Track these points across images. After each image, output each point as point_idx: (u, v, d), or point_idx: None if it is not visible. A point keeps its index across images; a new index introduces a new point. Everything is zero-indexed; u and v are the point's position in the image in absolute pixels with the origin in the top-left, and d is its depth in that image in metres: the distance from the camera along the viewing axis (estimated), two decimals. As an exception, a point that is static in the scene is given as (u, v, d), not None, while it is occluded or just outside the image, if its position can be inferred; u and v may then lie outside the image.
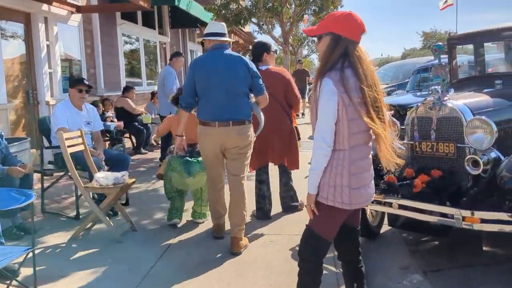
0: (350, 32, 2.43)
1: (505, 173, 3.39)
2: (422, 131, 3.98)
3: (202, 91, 4.10)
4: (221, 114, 4.03)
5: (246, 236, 4.37)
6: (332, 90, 2.37)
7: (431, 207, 3.51)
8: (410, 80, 9.23)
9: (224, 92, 4.02)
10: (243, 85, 4.09)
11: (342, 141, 2.44)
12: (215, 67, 4.05)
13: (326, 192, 2.48)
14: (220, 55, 4.10)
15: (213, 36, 4.16)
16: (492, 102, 4.02)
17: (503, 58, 5.77)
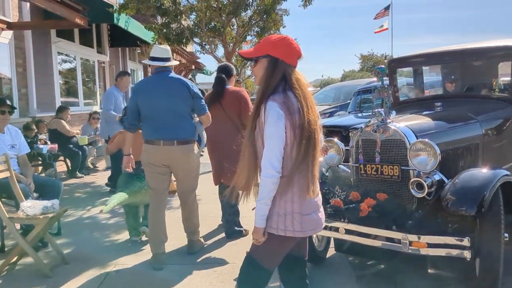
0: (287, 56, 2.40)
1: (449, 196, 3.38)
2: (366, 153, 3.94)
3: (146, 113, 4.27)
4: (165, 134, 4.21)
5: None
6: (279, 113, 2.29)
7: (378, 232, 3.45)
8: (351, 102, 9.38)
9: (168, 113, 4.21)
10: (185, 106, 4.29)
11: (290, 165, 2.33)
12: (158, 90, 4.23)
13: (276, 222, 2.36)
14: (163, 78, 4.29)
15: (157, 61, 4.33)
16: (434, 124, 4.05)
17: (440, 81, 5.94)
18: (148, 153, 4.30)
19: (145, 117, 4.29)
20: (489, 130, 4.26)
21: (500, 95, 4.73)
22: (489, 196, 3.24)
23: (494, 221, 3.29)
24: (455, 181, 3.46)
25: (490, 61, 5.12)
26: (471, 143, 4.13)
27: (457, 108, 4.55)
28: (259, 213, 2.35)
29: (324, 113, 10.42)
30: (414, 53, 5.30)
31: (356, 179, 4.02)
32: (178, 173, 4.40)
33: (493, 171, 3.50)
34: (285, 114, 2.29)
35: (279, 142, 2.30)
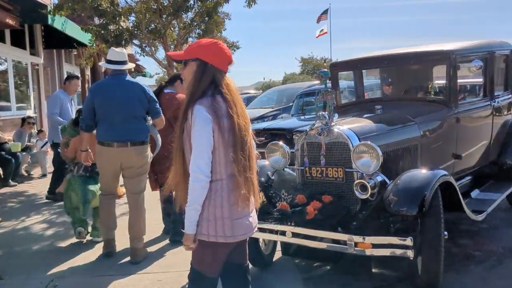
0: (217, 60, 2.39)
1: (391, 196, 3.46)
2: (312, 156, 3.97)
3: (101, 114, 4.38)
4: (120, 135, 4.33)
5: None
6: (206, 117, 2.28)
7: (324, 234, 3.48)
8: (294, 104, 9.48)
9: (122, 115, 4.33)
10: (140, 109, 4.43)
11: (219, 170, 2.32)
12: (114, 92, 4.35)
13: (206, 228, 2.32)
14: (119, 81, 4.41)
15: (113, 64, 4.44)
16: (375, 127, 4.14)
17: (379, 84, 6.12)
18: (102, 155, 4.42)
19: (100, 118, 4.40)
20: (427, 131, 4.41)
21: (436, 97, 4.92)
22: (429, 196, 3.35)
23: (434, 220, 3.40)
24: (396, 182, 3.56)
25: (426, 65, 5.33)
26: (410, 144, 4.26)
27: (396, 110, 4.69)
28: (189, 219, 2.31)
29: (267, 116, 10.48)
30: (355, 57, 5.43)
31: (302, 182, 4.04)
32: (129, 174, 4.49)
33: (432, 171, 3.63)
34: (212, 118, 2.28)
35: (206, 146, 2.28)
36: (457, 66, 4.57)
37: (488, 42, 5.30)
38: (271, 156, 4.26)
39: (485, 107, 5.06)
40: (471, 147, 4.98)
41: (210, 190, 2.31)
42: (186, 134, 2.35)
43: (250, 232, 2.46)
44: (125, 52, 4.61)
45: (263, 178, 4.21)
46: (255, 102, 12.66)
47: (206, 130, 2.27)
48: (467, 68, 4.98)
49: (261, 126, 8.10)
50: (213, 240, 2.32)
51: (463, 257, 4.29)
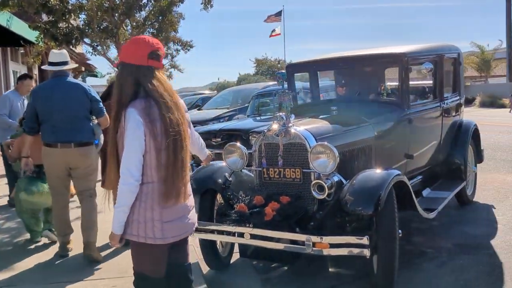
0: (134, 57, 2.36)
1: (348, 196, 3.51)
2: (269, 157, 3.97)
3: (44, 116, 4.39)
4: (63, 136, 4.35)
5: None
6: (138, 120, 2.28)
7: (283, 235, 3.48)
8: (250, 105, 9.48)
9: (65, 116, 4.36)
10: (83, 109, 4.45)
11: (150, 173, 2.33)
12: (56, 94, 4.38)
13: (136, 229, 2.35)
14: (61, 82, 4.44)
15: (54, 66, 4.46)
16: (331, 128, 4.19)
17: (334, 85, 6.21)
18: (47, 156, 4.45)
19: (43, 120, 4.41)
20: (381, 132, 4.51)
21: (388, 99, 5.04)
22: (384, 195, 3.41)
23: (389, 218, 3.47)
24: (352, 182, 3.61)
25: (379, 67, 5.45)
26: (365, 145, 4.34)
27: (351, 111, 4.76)
28: (116, 220, 2.34)
29: (222, 117, 10.43)
30: (311, 59, 5.48)
31: (260, 183, 4.04)
32: (76, 175, 4.53)
33: (387, 171, 3.71)
34: (144, 121, 2.27)
35: (137, 150, 2.28)
36: (409, 69, 4.70)
37: (437, 45, 5.49)
38: (228, 157, 4.23)
39: (435, 108, 5.23)
40: (422, 147, 5.13)
41: (141, 192, 2.32)
42: (120, 136, 2.35)
43: (184, 233, 2.48)
44: (65, 52, 4.64)
45: (220, 180, 4.18)
46: (210, 102, 12.57)
47: (137, 133, 2.27)
48: (417, 71, 5.15)
49: (217, 127, 8.04)
50: (142, 241, 2.35)
51: (416, 254, 4.42)
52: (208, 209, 4.22)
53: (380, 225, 3.45)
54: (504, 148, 10.37)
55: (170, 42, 19.69)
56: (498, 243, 4.60)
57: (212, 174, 4.26)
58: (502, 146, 10.74)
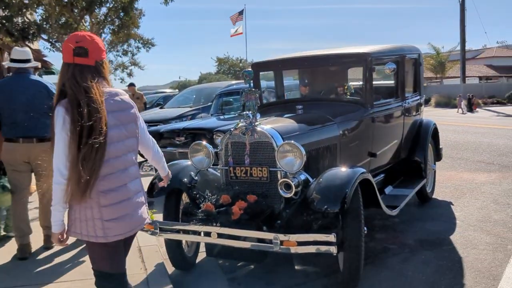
0: (64, 55, 2.36)
1: (314, 195, 3.53)
2: (236, 156, 3.95)
3: (6, 112, 4.44)
4: (25, 132, 4.40)
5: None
6: (64, 118, 2.27)
7: (250, 234, 3.47)
8: (213, 104, 9.42)
9: (27, 112, 4.41)
10: (44, 105, 4.38)
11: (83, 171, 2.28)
12: (17, 90, 4.44)
13: (79, 227, 2.37)
14: (22, 79, 4.52)
15: (16, 63, 4.54)
16: (297, 126, 4.21)
17: (297, 84, 6.25)
18: (8, 151, 4.47)
19: (4, 116, 4.45)
20: (345, 131, 4.57)
21: (353, 98, 5.12)
22: (350, 193, 3.45)
23: (355, 216, 3.52)
24: (319, 181, 3.64)
25: (343, 66, 5.52)
26: (331, 143, 4.39)
27: (316, 110, 4.81)
28: (53, 219, 2.35)
29: (185, 115, 10.32)
30: (276, 58, 5.50)
31: (226, 182, 4.02)
32: (38, 170, 4.46)
33: (352, 169, 3.76)
34: (70, 119, 2.26)
35: (64, 148, 2.27)
36: (373, 68, 4.78)
37: (399, 46, 5.61)
38: (194, 156, 4.18)
39: (397, 108, 5.35)
40: (384, 145, 5.24)
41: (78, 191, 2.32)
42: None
43: (129, 232, 2.46)
44: (28, 51, 4.74)
45: (186, 179, 4.14)
46: (172, 101, 12.42)
47: (63, 132, 2.27)
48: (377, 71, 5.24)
49: (180, 126, 7.94)
50: (85, 239, 2.39)
51: (380, 250, 4.51)
52: (173, 209, 4.17)
53: (346, 222, 3.49)
54: (459, 147, 10.76)
55: (130, 40, 19.31)
56: (457, 238, 4.75)
57: (178, 173, 4.20)
58: (457, 144, 11.15)
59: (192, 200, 4.02)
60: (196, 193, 4.02)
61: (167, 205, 4.21)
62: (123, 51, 21.91)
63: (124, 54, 22.25)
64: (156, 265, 4.23)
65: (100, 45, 2.46)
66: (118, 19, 9.10)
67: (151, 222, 3.81)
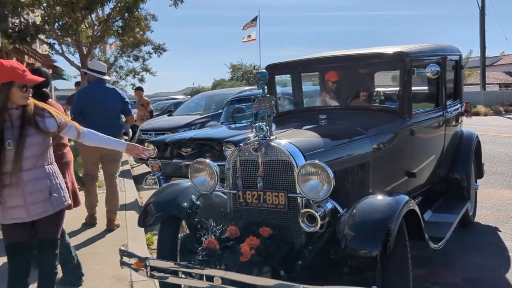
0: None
1: (347, 231, 2.75)
2: (246, 177, 3.19)
3: (88, 114, 5.63)
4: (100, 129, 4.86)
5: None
6: None
7: (263, 281, 2.69)
8: (224, 112, 8.68)
9: (103, 113, 5.63)
10: (116, 109, 5.84)
11: None
12: (98, 97, 5.70)
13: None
14: (101, 87, 5.82)
15: (97, 73, 5.84)
16: (322, 141, 3.44)
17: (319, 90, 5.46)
18: (87, 147, 5.03)
19: (86, 117, 5.49)
20: (379, 146, 3.79)
21: (387, 106, 4.33)
22: (394, 230, 2.67)
23: (400, 259, 2.75)
24: (352, 212, 2.85)
25: (373, 69, 4.74)
26: (362, 161, 3.61)
27: (343, 121, 4.04)
28: None
29: (194, 124, 9.60)
30: (294, 59, 4.72)
31: (234, 209, 3.26)
32: (106, 161, 5.78)
33: (394, 197, 2.98)
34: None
35: None
36: (412, 71, 3.98)
37: (440, 46, 4.80)
38: (195, 177, 3.43)
39: (438, 118, 4.54)
40: (423, 162, 4.43)
41: None
42: None
43: (26, 218, 2.94)
44: (105, 65, 6.13)
45: (186, 204, 3.39)
46: (181, 108, 11.69)
47: None
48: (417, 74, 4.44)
49: (187, 136, 7.17)
50: None
51: (421, 293, 3.69)
52: (170, 242, 3.43)
53: (389, 268, 2.70)
54: (491, 159, 9.81)
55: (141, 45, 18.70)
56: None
57: (176, 196, 3.48)
58: (489, 156, 10.19)
59: (193, 231, 3.26)
60: (197, 222, 3.26)
61: (162, 237, 3.46)
62: (134, 57, 21.33)
63: (135, 59, 21.66)
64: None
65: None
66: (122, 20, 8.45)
67: (142, 259, 3.08)
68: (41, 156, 2.98)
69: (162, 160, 6.77)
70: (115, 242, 5.03)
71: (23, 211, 2.92)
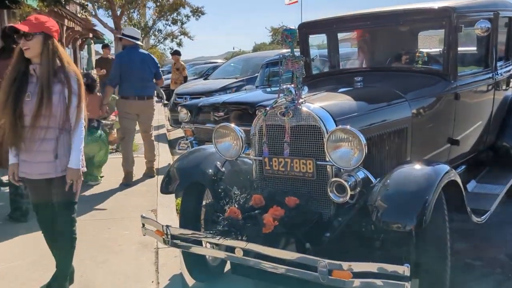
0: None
1: (379, 202, 2.52)
2: (272, 144, 2.99)
3: (125, 75, 6.07)
4: (138, 91, 6.08)
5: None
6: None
7: (286, 254, 2.52)
8: (259, 75, 8.42)
9: (140, 76, 6.09)
10: (151, 72, 6.25)
11: None
12: (134, 60, 6.12)
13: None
14: (136, 52, 6.24)
15: (132, 39, 6.26)
16: (356, 105, 3.18)
17: (356, 53, 5.12)
18: (124, 105, 6.17)
19: (123, 78, 6.07)
20: (419, 110, 3.49)
21: (430, 68, 3.98)
22: (431, 203, 2.43)
23: (438, 234, 2.53)
24: (385, 182, 2.62)
25: (416, 27, 4.36)
26: (400, 127, 3.33)
27: (380, 84, 3.74)
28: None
29: (229, 87, 9.39)
30: (329, 17, 4.39)
31: (260, 177, 3.08)
32: (142, 120, 6.31)
33: (433, 167, 2.72)
34: None
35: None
36: (459, 28, 3.61)
37: (492, 1, 4.34)
38: (219, 142, 3.26)
39: (486, 80, 4.16)
40: (468, 129, 4.09)
41: None
42: None
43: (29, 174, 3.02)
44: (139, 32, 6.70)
45: (211, 170, 3.23)
46: (218, 72, 11.48)
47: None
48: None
49: (220, 100, 6.97)
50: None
51: (459, 268, 3.43)
52: (193, 210, 3.30)
53: (424, 244, 2.48)
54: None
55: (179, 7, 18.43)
56: None
57: (200, 162, 3.33)
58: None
59: (217, 199, 3.11)
60: (222, 190, 3.11)
61: (185, 204, 3.34)
62: (173, 20, 21.09)
63: (173, 23, 21.42)
64: (172, 278, 3.39)
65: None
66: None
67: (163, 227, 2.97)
68: (54, 117, 2.91)
69: (195, 125, 6.64)
70: (145, 207, 4.99)
71: (29, 167, 2.98)
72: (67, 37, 19.31)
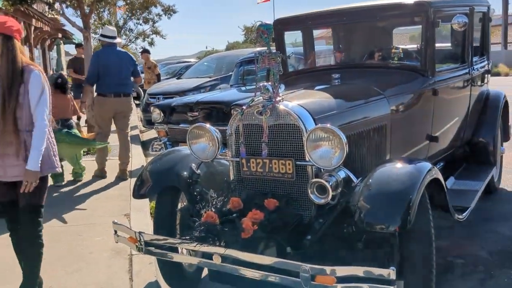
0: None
1: (362, 203, 2.44)
2: (250, 144, 2.87)
3: (102, 74, 6.08)
4: (116, 89, 6.09)
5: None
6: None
7: (266, 260, 2.40)
8: (234, 73, 8.29)
9: (117, 75, 6.10)
10: (128, 70, 6.25)
11: None
12: (111, 58, 6.15)
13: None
14: (113, 50, 6.28)
15: (109, 39, 6.28)
16: (335, 103, 3.09)
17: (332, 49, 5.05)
18: (100, 104, 6.20)
19: (101, 77, 6.08)
20: (398, 107, 3.43)
21: (408, 64, 3.93)
22: (415, 202, 2.35)
23: (422, 234, 2.43)
24: (367, 182, 2.53)
25: (393, 22, 4.31)
26: (379, 124, 3.26)
27: (358, 80, 3.67)
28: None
29: (203, 87, 9.24)
30: (305, 12, 4.30)
31: (237, 178, 2.96)
32: (119, 117, 6.26)
33: (415, 165, 2.65)
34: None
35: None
36: (436, 23, 3.56)
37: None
38: (194, 143, 3.12)
39: (463, 76, 4.13)
40: (446, 125, 4.06)
41: None
42: None
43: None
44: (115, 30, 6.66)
45: (186, 173, 3.10)
46: (191, 71, 11.29)
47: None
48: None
49: (194, 99, 6.82)
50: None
51: (441, 267, 3.38)
52: (167, 215, 3.16)
53: (408, 245, 2.40)
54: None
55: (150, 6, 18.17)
56: (545, 249, 3.59)
57: (175, 165, 3.20)
58: None
59: (192, 203, 2.98)
60: (197, 193, 2.99)
61: (159, 209, 3.20)
62: (144, 19, 20.80)
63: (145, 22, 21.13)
64: (147, 286, 3.25)
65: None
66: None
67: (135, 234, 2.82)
68: (20, 119, 2.81)
69: (168, 125, 6.47)
70: (118, 212, 4.81)
71: (2, 170, 2.89)
72: (35, 37, 18.81)
